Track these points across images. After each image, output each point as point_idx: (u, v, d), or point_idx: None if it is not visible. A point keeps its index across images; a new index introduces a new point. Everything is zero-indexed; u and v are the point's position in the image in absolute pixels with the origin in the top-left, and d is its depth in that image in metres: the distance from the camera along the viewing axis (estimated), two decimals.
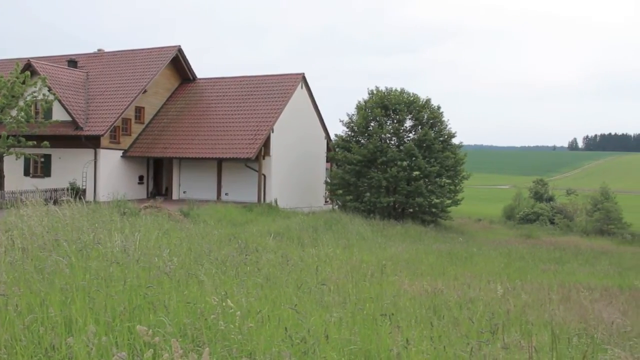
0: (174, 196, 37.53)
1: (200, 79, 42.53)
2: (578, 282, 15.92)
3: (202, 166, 37.26)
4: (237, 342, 5.25)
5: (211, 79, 42.64)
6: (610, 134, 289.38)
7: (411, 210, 39.34)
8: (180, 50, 40.63)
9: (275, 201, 35.05)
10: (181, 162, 37.71)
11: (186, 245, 11.89)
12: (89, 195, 34.05)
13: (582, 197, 62.75)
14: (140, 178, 38.53)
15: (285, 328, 5.59)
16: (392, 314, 7.41)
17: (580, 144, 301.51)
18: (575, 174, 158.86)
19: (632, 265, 23.34)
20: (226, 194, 36.25)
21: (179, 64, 41.19)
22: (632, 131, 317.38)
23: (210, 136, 36.69)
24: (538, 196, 65.50)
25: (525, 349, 6.10)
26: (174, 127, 38.30)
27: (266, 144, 35.50)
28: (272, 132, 35.74)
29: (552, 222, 55.31)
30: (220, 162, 36.49)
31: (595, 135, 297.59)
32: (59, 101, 34.74)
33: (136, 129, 38.20)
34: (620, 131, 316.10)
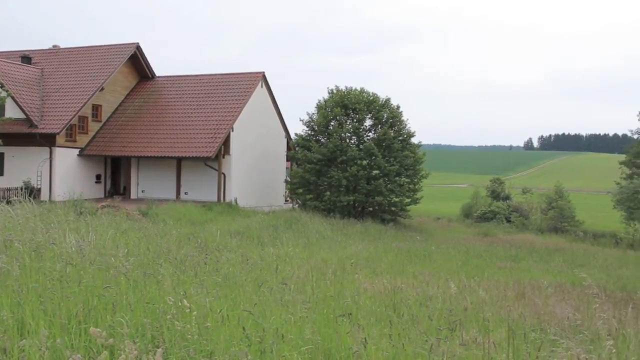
0: (133, 195, 37.00)
1: (159, 77, 42.02)
2: (533, 279, 16.24)
3: (161, 165, 36.83)
4: (196, 342, 5.20)
5: (170, 77, 42.18)
6: (564, 134, 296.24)
7: (371, 209, 39.58)
8: (138, 48, 40.07)
9: (235, 200, 34.87)
10: (140, 161, 37.20)
11: (144, 245, 11.73)
12: (44, 195, 33.33)
13: (537, 195, 64.02)
14: (98, 177, 37.87)
15: (244, 328, 5.56)
16: (352, 313, 7.44)
17: (536, 144, 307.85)
18: (530, 173, 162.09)
19: (584, 262, 23.92)
20: (185, 193, 35.91)
21: (137, 61, 40.62)
22: (584, 131, 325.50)
23: (170, 135, 36.29)
24: (495, 195, 66.55)
25: (482, 345, 6.19)
26: (132, 125, 37.76)
27: (226, 142, 35.29)
28: (232, 131, 35.55)
29: (508, 220, 56.27)
30: (179, 161, 36.13)
31: (550, 136, 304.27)
32: (12, 98, 33.86)
33: (93, 127, 37.52)
34: (573, 131, 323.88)
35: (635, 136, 63.69)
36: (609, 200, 55.69)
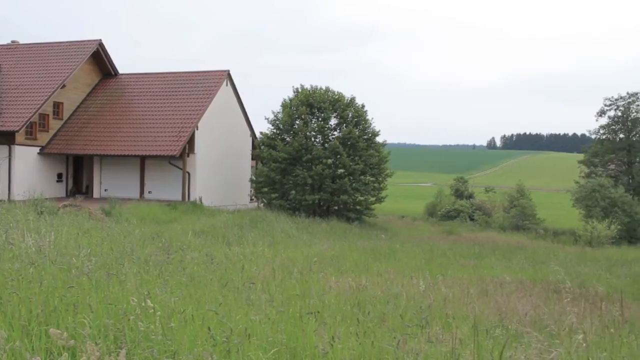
0: (95, 194, 36.44)
1: (122, 74, 41.43)
2: (495, 276, 16.48)
3: (124, 164, 36.34)
4: (160, 342, 5.15)
5: (134, 74, 41.62)
6: (525, 133, 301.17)
7: (336, 207, 39.68)
8: (101, 45, 39.45)
9: (200, 199, 34.63)
10: (102, 159, 36.65)
11: (107, 245, 11.58)
12: (3, 194, 32.57)
13: (499, 194, 64.94)
14: (59, 176, 37.17)
15: (209, 327, 5.53)
16: (318, 311, 7.45)
17: (498, 143, 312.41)
18: (493, 171, 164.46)
19: (545, 259, 24.34)
20: (149, 192, 35.50)
21: (100, 58, 39.99)
22: (544, 131, 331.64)
23: (133, 133, 35.83)
24: (459, 193, 67.35)
25: (446, 341, 6.26)
26: (94, 123, 37.16)
27: (190, 141, 35.01)
28: (197, 129, 35.27)
29: (471, 219, 56.97)
30: (143, 159, 35.69)
31: (512, 135, 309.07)
32: None
33: (54, 125, 36.80)
34: (534, 131, 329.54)
35: (593, 136, 65.21)
36: (568, 198, 56.85)
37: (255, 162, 42.65)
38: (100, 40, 39.35)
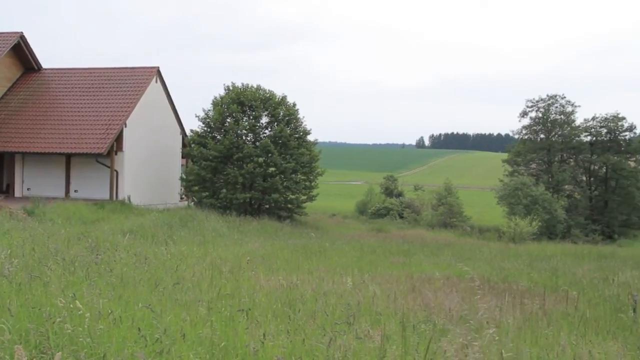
0: (17, 194, 35.09)
1: (46, 69, 40.03)
2: (424, 273, 16.88)
3: (48, 162, 35.14)
4: (87, 345, 5.07)
5: (59, 69, 40.29)
6: (452, 133, 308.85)
7: (267, 206, 39.64)
8: (22, 37, 37.96)
9: (129, 198, 33.91)
10: (25, 157, 35.32)
11: (29, 246, 11.24)
12: None
13: (428, 192, 66.38)
14: None
15: (139, 328, 5.48)
16: (249, 310, 7.49)
17: (427, 143, 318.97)
18: (422, 170, 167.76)
19: (471, 256, 25.11)
20: (76, 191, 34.47)
21: (21, 52, 38.48)
22: (471, 131, 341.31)
23: (58, 130, 34.70)
24: (388, 192, 68.41)
25: (374, 337, 6.42)
26: (16, 119, 35.76)
27: (118, 139, 34.20)
28: (125, 126, 34.51)
29: (401, 216, 58.01)
30: (69, 157, 34.61)
31: (440, 134, 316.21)
32: None
33: None
34: (461, 131, 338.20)
35: (516, 136, 67.69)
36: (493, 196, 58.74)
37: (186, 160, 42.08)
38: (22, 33, 37.88)
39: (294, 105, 41.45)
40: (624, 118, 62.23)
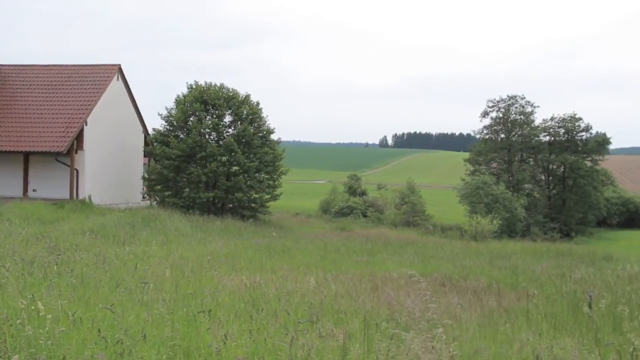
0: None
1: (3, 65, 39.11)
2: (387, 271, 17.01)
3: (5, 160, 34.32)
4: (47, 347, 5.01)
5: (16, 66, 39.37)
6: (415, 132, 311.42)
7: (231, 205, 39.46)
8: None
9: (89, 197, 33.38)
10: None
11: None
12: None
13: (391, 191, 66.84)
14: None
15: (99, 330, 5.43)
16: (212, 310, 7.47)
17: (390, 142, 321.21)
18: (385, 169, 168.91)
19: (433, 254, 25.39)
20: (34, 190, 33.78)
21: None
22: (434, 131, 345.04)
23: (16, 128, 33.95)
24: (352, 191, 68.69)
25: (337, 336, 6.46)
26: None
27: (79, 137, 33.63)
28: (86, 125, 33.96)
29: (364, 215, 58.30)
30: (27, 156, 33.89)
31: (403, 134, 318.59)
32: None
33: None
34: (424, 130, 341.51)
35: (478, 136, 68.75)
36: (455, 195, 59.51)
37: (148, 159, 41.60)
38: None
39: (258, 104, 41.35)
40: (580, 119, 63.82)
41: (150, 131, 41.36)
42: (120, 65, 38.04)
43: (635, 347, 5.81)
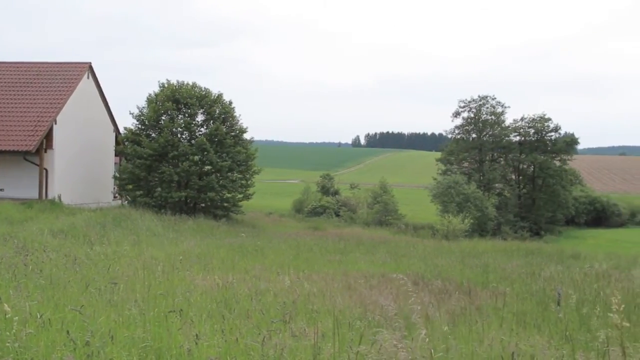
0: None
1: None
2: (359, 271, 17.07)
3: None
4: (14, 350, 4.93)
5: None
6: (388, 132, 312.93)
7: (203, 205, 39.25)
8: None
9: (59, 197, 32.91)
10: None
11: None
12: None
13: (364, 190, 67.11)
14: None
15: (68, 331, 5.36)
16: (183, 310, 7.42)
17: (363, 142, 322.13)
18: (358, 169, 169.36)
19: (406, 253, 25.54)
20: (1, 190, 33.18)
21: None
22: (406, 130, 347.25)
23: None
24: (325, 190, 68.78)
25: (310, 335, 6.47)
26: None
27: (48, 136, 33.13)
28: (55, 123, 33.47)
29: (337, 215, 58.44)
30: None
31: (376, 134, 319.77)
32: None
33: None
34: (396, 130, 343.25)
35: (449, 136, 69.36)
36: (427, 194, 59.94)
37: (119, 158, 41.16)
38: None
39: (230, 103, 41.20)
40: (549, 119, 64.77)
41: (121, 130, 40.95)
42: (90, 63, 37.62)
43: (601, 343, 5.92)
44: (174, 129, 38.73)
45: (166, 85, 40.36)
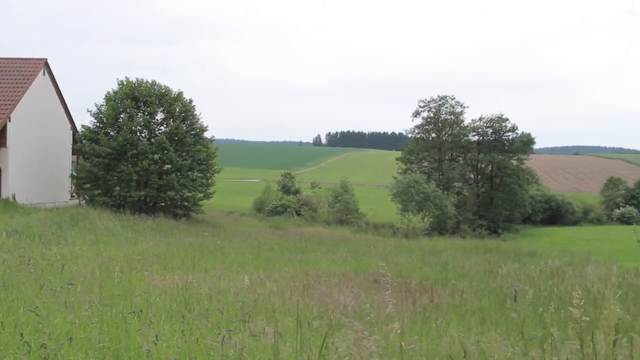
0: None
1: None
2: (320, 269, 17.11)
3: None
4: None
5: None
6: (349, 131, 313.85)
7: (163, 204, 38.88)
8: None
9: (13, 196, 32.16)
10: None
11: None
12: None
13: (325, 189, 67.23)
14: None
15: (22, 334, 5.24)
16: (142, 311, 7.33)
17: (324, 141, 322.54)
18: (319, 168, 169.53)
19: (366, 251, 25.71)
20: None
21: None
22: (367, 130, 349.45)
23: None
24: (286, 189, 68.70)
25: (270, 334, 6.46)
26: None
27: (2, 133, 32.37)
28: (9, 121, 32.70)
29: (298, 214, 58.43)
30: None
31: (337, 133, 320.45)
32: None
33: None
34: (357, 129, 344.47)
35: (410, 135, 69.94)
36: (387, 193, 60.36)
37: (77, 157, 40.43)
38: None
39: (191, 101, 40.88)
40: (507, 119, 65.86)
41: (79, 128, 40.22)
42: (46, 59, 36.87)
43: (554, 339, 6.06)
44: (133, 128, 38.23)
45: (125, 83, 39.80)
